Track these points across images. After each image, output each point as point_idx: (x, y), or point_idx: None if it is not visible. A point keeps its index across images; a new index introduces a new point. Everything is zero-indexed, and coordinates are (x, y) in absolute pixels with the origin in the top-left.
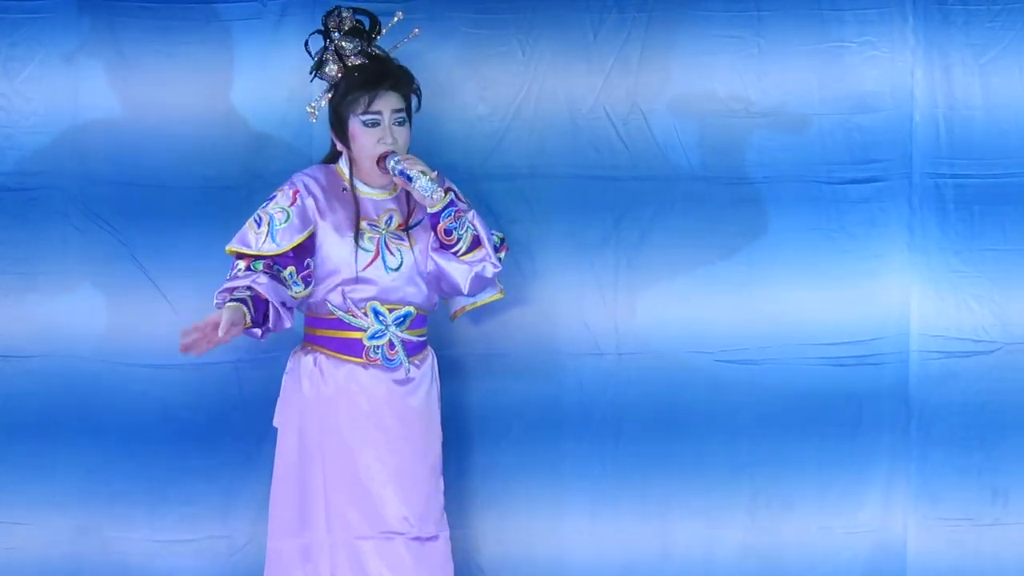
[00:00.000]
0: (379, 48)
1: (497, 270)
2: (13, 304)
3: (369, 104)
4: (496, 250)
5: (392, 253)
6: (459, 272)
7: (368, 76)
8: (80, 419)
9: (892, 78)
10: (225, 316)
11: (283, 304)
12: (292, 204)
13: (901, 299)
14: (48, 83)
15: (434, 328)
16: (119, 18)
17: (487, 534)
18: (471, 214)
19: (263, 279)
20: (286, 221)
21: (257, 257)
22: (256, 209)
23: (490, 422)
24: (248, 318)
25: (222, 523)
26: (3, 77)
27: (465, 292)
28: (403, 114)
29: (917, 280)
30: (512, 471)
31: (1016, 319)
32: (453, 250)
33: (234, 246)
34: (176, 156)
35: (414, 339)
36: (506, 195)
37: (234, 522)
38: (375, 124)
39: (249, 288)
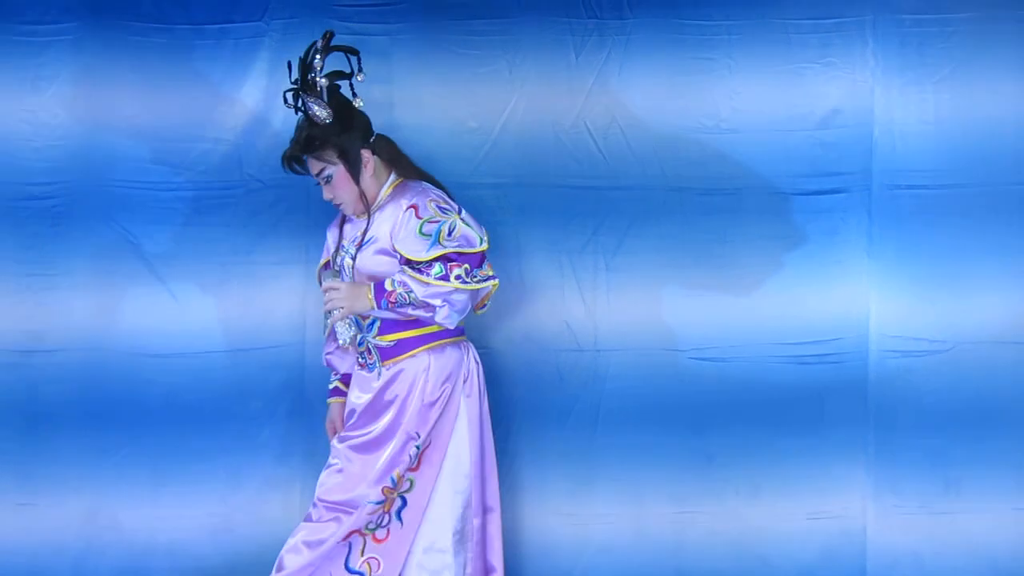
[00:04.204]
0: (316, 105)
1: (447, 319)
2: (38, 302)
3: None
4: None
5: (346, 271)
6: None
7: (288, 148)
8: (92, 406)
9: (853, 96)
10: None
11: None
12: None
13: (861, 302)
14: (71, 99)
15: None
16: (135, 37)
17: None
18: (413, 295)
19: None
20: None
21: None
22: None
23: None
24: None
25: (221, 502)
26: (32, 93)
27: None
28: (328, 173)
29: (875, 284)
30: (497, 458)
31: (967, 321)
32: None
33: None
34: (182, 165)
35: (384, 344)
36: (494, 202)
37: (232, 500)
38: (318, 184)
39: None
